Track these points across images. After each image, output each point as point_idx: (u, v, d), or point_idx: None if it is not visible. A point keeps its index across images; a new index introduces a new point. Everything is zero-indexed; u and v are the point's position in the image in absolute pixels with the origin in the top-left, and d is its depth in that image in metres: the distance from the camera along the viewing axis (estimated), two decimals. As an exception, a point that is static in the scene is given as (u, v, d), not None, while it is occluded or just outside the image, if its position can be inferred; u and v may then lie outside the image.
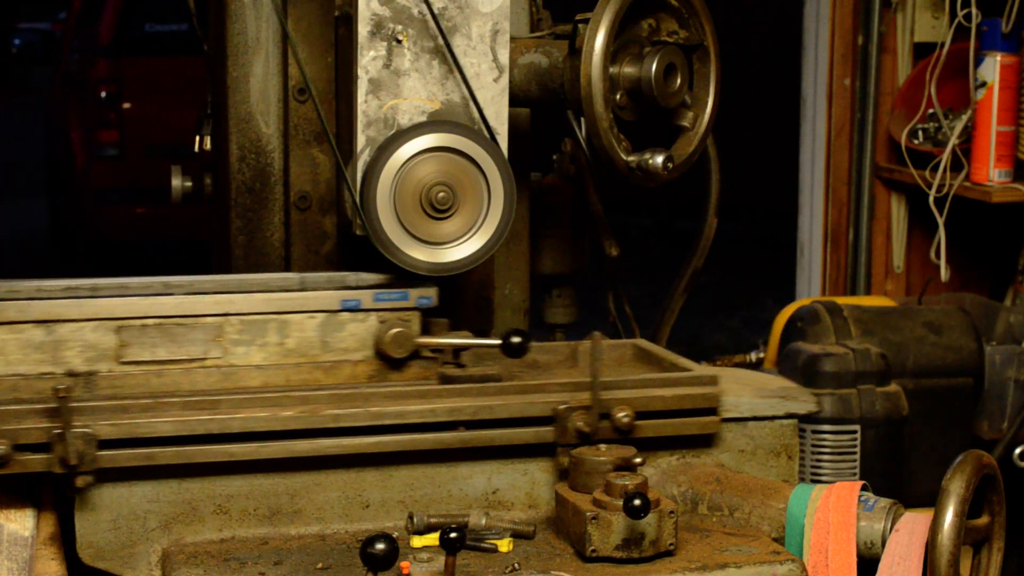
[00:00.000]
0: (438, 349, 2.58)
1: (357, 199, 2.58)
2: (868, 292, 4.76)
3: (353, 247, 2.82)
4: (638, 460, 2.38)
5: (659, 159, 2.66)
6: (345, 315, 2.56)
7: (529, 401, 2.49)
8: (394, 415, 2.43)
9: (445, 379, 2.55)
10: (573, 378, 2.59)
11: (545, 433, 2.49)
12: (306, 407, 2.41)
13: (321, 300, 2.56)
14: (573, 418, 2.48)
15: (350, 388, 2.49)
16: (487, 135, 2.62)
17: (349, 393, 2.45)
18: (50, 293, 2.49)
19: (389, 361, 2.57)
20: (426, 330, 2.60)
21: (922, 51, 4.65)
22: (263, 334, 2.53)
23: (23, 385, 2.42)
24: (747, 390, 2.69)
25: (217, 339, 2.51)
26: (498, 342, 2.56)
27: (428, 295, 2.58)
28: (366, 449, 2.42)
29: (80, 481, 2.30)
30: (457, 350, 2.58)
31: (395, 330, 2.55)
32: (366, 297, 2.56)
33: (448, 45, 2.58)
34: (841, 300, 4.11)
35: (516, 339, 2.54)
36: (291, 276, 2.64)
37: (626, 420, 2.49)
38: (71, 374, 2.42)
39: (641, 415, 2.51)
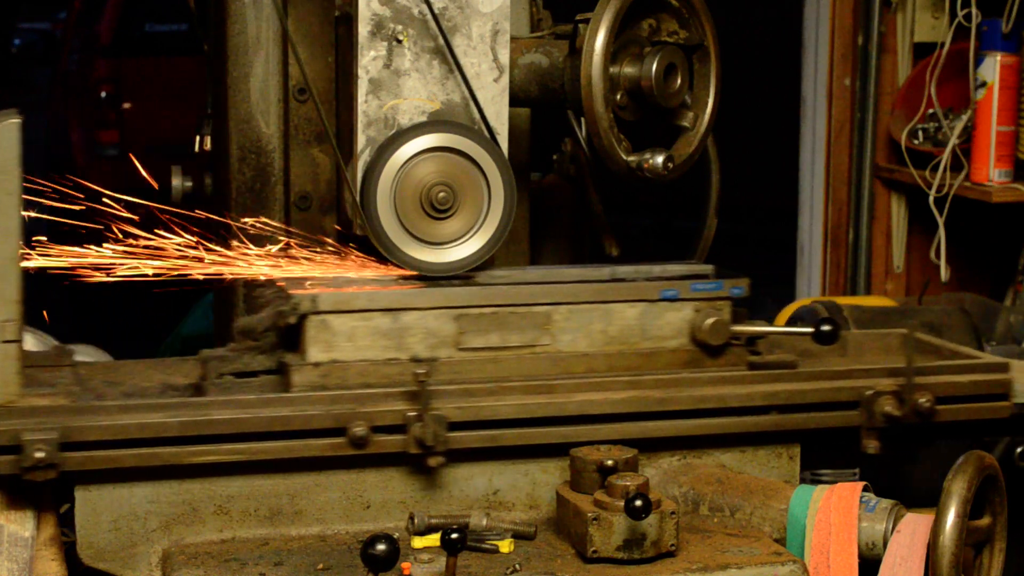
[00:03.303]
0: (738, 337, 2.67)
1: (357, 199, 2.58)
2: (868, 292, 4.76)
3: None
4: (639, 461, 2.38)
5: (659, 159, 2.66)
6: (663, 304, 2.64)
7: (837, 387, 2.61)
8: (715, 399, 2.56)
9: (754, 366, 2.66)
10: (875, 364, 2.72)
11: (851, 417, 2.60)
12: (635, 391, 2.51)
13: (641, 290, 2.64)
14: (880, 402, 2.58)
15: (674, 373, 2.62)
16: (487, 135, 2.62)
17: (674, 378, 2.59)
18: (385, 283, 2.59)
19: (705, 348, 2.65)
20: (732, 319, 2.69)
21: (922, 51, 4.64)
22: (588, 322, 2.61)
23: (371, 370, 2.51)
24: None
25: (546, 327, 2.58)
26: (810, 330, 2.66)
27: (741, 285, 2.67)
28: (688, 432, 2.54)
29: (433, 461, 2.40)
30: (752, 338, 2.69)
31: (713, 319, 2.63)
32: (683, 287, 2.65)
33: (448, 45, 2.58)
34: (841, 300, 4.10)
35: (827, 327, 2.65)
36: (603, 268, 2.72)
37: (928, 405, 2.59)
38: (416, 360, 2.49)
39: (936, 400, 2.62)
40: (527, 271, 2.73)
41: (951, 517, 2.28)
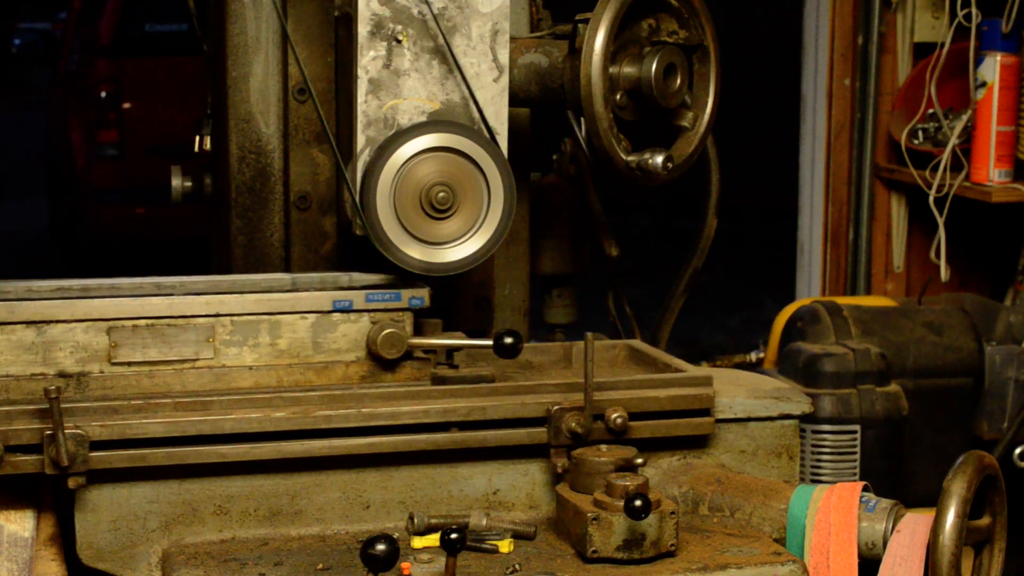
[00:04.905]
0: (431, 350, 2.57)
1: (357, 199, 2.58)
2: (868, 292, 4.76)
3: (353, 247, 2.82)
4: (639, 461, 2.38)
5: (659, 159, 2.66)
6: (337, 316, 2.55)
7: (522, 402, 2.48)
8: (387, 416, 2.42)
9: (438, 380, 2.54)
10: (566, 379, 2.57)
11: (538, 434, 2.47)
12: (298, 408, 2.39)
13: (313, 301, 2.55)
14: (566, 419, 2.46)
15: (342, 389, 2.48)
16: (487, 135, 2.62)
17: (341, 394, 2.43)
18: (40, 293, 2.49)
19: (381, 362, 2.56)
20: (419, 331, 2.60)
21: (922, 51, 4.65)
22: (255, 335, 2.52)
23: (14, 386, 2.42)
24: (741, 391, 2.67)
25: (209, 340, 2.50)
26: (490, 343, 2.54)
27: (420, 296, 2.57)
28: (358, 450, 2.41)
29: (72, 482, 2.29)
30: (450, 351, 2.57)
31: (387, 331, 2.54)
32: (358, 298, 2.55)
33: (448, 45, 2.58)
34: (841, 300, 4.11)
35: (508, 339, 2.53)
36: (283, 277, 2.65)
37: (619, 421, 2.48)
38: (62, 375, 2.42)
39: (635, 416, 2.50)
40: (193, 280, 2.62)
41: (951, 517, 2.28)
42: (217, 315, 2.50)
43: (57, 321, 2.43)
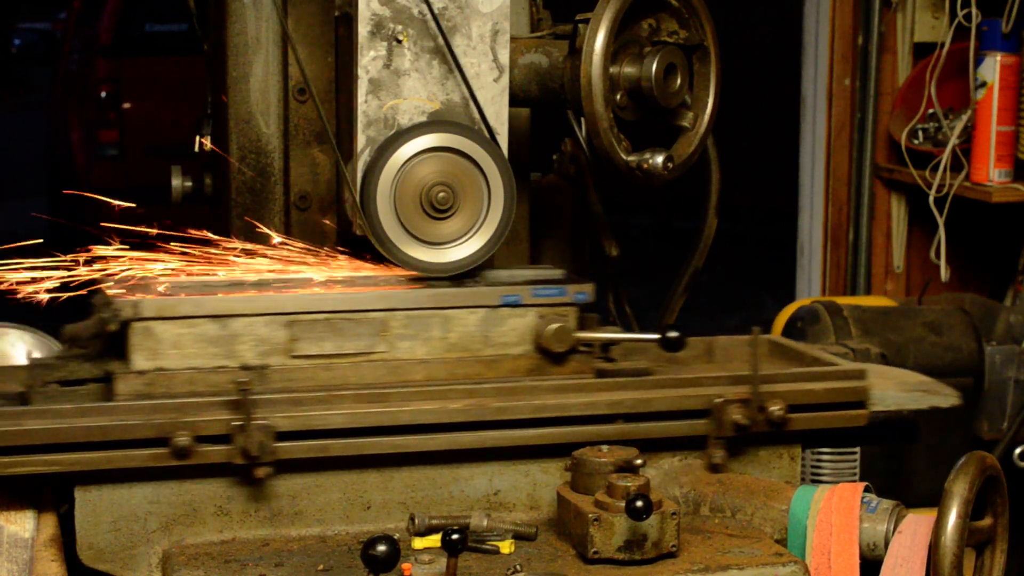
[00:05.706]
0: (590, 344, 2.62)
1: (357, 199, 2.58)
2: (868, 292, 4.76)
3: (353, 247, 2.81)
4: (639, 461, 2.38)
5: (659, 159, 2.66)
6: (505, 310, 2.59)
7: (685, 395, 2.55)
8: (556, 408, 2.48)
9: (602, 373, 2.60)
10: (724, 371, 2.64)
11: (699, 426, 2.54)
12: (472, 400, 2.45)
13: (482, 296, 2.59)
14: (729, 411, 2.52)
15: (514, 381, 2.54)
16: (487, 135, 2.62)
17: (513, 386, 2.50)
18: (217, 288, 2.53)
19: (549, 355, 2.60)
20: (580, 325, 2.63)
21: (922, 51, 4.65)
22: (426, 329, 2.56)
23: (199, 378, 2.45)
24: (890, 384, 2.74)
25: (382, 333, 2.54)
26: (656, 336, 2.60)
27: (585, 291, 2.61)
28: (529, 441, 2.48)
29: (260, 472, 2.35)
30: (606, 345, 2.64)
31: (556, 325, 2.58)
32: (525, 293, 2.59)
33: (448, 45, 2.58)
34: (841, 300, 4.11)
35: (673, 334, 2.59)
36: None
37: (780, 413, 2.54)
38: (245, 367, 2.46)
39: (791, 408, 2.56)
40: (360, 275, 2.66)
41: (952, 518, 2.28)
42: (391, 309, 2.53)
43: (239, 315, 2.47)
